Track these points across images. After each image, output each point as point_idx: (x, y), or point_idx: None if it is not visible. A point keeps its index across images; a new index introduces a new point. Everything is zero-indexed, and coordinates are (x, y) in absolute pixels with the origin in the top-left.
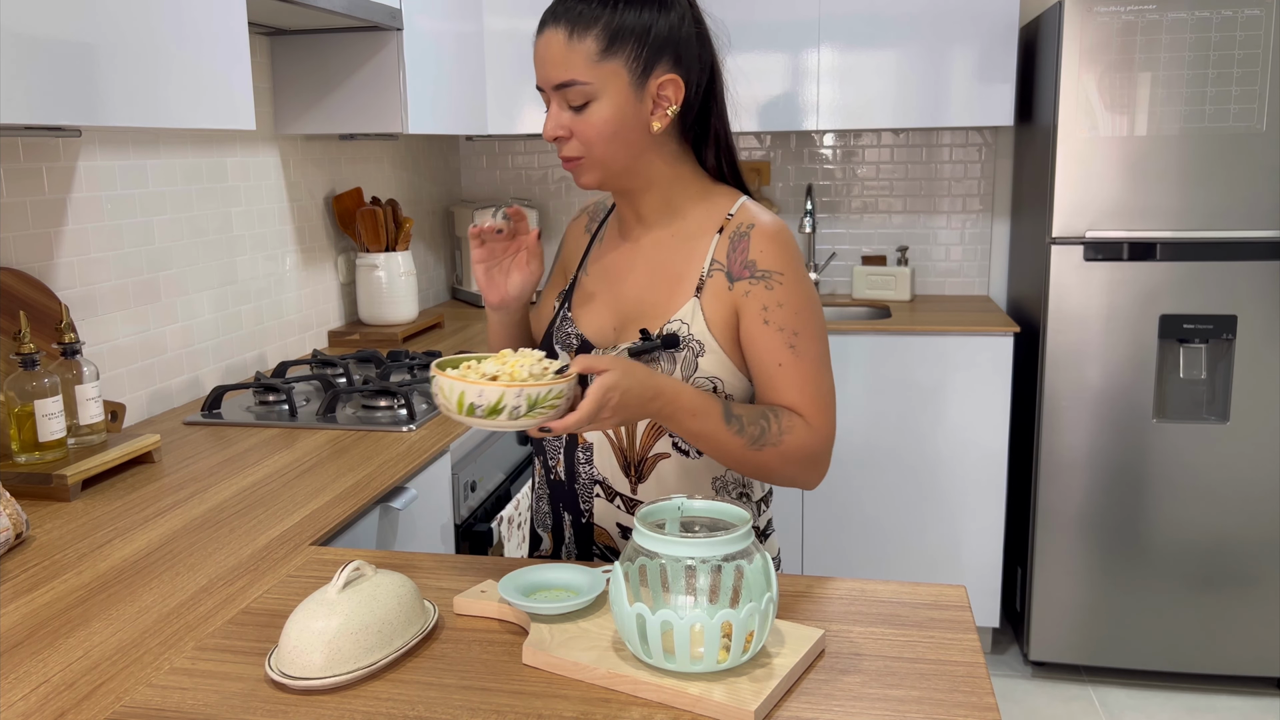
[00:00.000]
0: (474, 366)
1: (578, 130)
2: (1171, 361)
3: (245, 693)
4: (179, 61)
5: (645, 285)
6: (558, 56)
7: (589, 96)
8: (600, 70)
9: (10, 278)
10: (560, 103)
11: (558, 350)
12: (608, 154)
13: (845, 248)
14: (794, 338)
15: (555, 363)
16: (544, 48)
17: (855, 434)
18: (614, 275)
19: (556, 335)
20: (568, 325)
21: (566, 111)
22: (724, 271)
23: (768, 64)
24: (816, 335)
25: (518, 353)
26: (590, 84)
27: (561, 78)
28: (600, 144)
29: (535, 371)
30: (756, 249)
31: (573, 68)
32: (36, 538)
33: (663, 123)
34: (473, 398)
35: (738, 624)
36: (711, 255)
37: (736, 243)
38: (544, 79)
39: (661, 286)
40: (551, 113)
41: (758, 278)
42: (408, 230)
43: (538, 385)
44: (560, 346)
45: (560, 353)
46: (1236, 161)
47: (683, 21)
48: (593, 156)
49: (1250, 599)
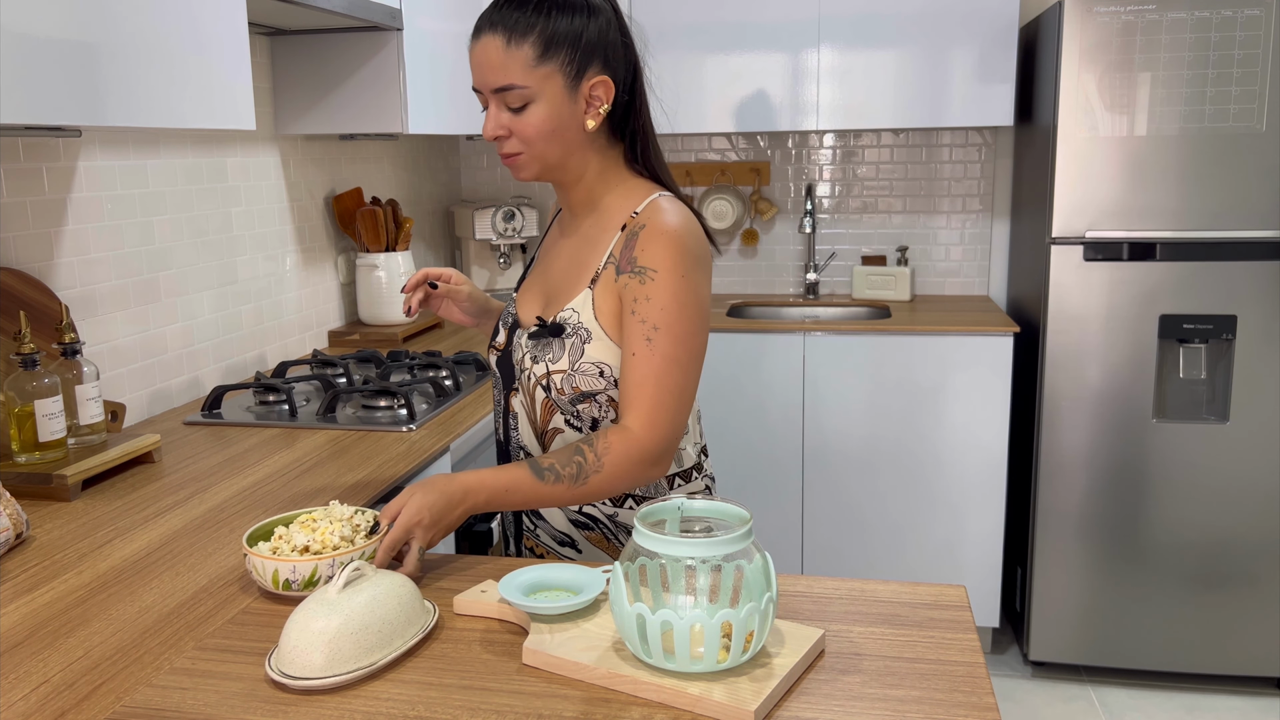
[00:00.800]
0: (284, 535)
1: (516, 129)
2: (1171, 361)
3: (245, 693)
4: (179, 61)
5: (562, 274)
6: (496, 61)
7: (527, 99)
8: (536, 74)
9: (10, 278)
10: (499, 104)
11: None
12: (545, 151)
13: (845, 248)
14: (653, 331)
15: (368, 514)
16: (481, 53)
17: (855, 434)
18: (547, 263)
19: (502, 316)
20: (510, 306)
21: (505, 112)
22: (615, 265)
23: (768, 64)
24: (679, 337)
25: (327, 510)
26: (528, 87)
27: (500, 82)
28: (539, 142)
29: (346, 534)
30: (641, 246)
31: (511, 73)
32: (37, 538)
33: (596, 120)
34: (287, 574)
35: (738, 624)
36: (610, 249)
37: (630, 239)
38: (482, 83)
39: (571, 275)
40: (491, 114)
41: (635, 273)
42: (408, 230)
43: (350, 551)
44: (501, 321)
45: (366, 511)
46: (1236, 161)
47: (609, 27)
48: (531, 153)
49: (1250, 599)
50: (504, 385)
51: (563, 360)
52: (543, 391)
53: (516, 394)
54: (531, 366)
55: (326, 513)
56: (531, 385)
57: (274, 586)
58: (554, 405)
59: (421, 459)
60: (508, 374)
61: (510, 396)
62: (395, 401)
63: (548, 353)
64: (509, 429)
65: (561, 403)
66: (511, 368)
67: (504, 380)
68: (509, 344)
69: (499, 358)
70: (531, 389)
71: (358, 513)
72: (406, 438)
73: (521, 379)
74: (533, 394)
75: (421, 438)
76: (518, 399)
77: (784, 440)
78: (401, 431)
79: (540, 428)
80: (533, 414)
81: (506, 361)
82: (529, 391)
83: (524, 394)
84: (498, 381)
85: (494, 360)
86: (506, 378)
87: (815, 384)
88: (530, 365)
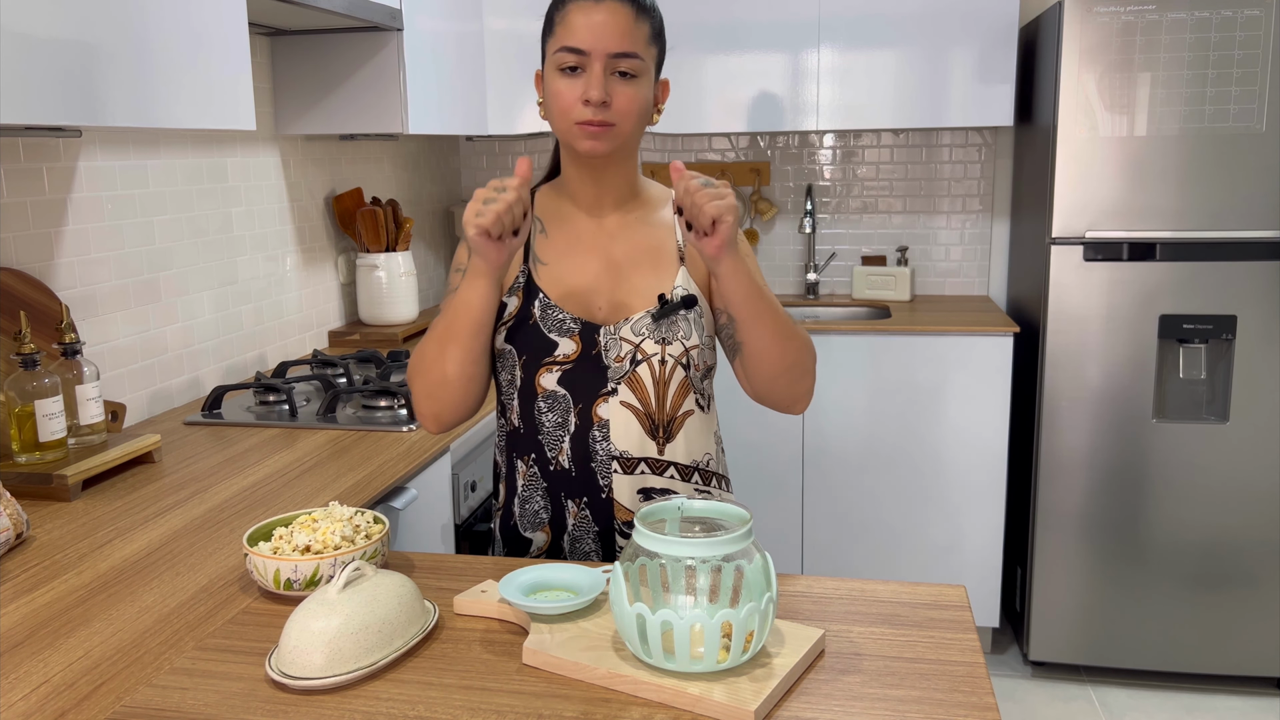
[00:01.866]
0: (285, 535)
1: (618, 101)
2: (1171, 361)
3: (245, 693)
4: (179, 61)
5: (630, 260)
6: (625, 27)
7: (638, 72)
8: (649, 53)
9: (10, 278)
10: (607, 70)
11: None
12: (632, 129)
13: (845, 248)
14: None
15: (368, 515)
16: (610, 15)
17: (855, 434)
18: (588, 256)
19: (546, 325)
20: (555, 313)
21: (610, 78)
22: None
23: (768, 64)
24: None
25: (327, 510)
26: (644, 61)
27: (626, 47)
28: (633, 117)
29: (346, 534)
30: None
31: (637, 42)
32: (37, 538)
33: (658, 118)
34: (288, 574)
35: (738, 624)
36: (681, 232)
37: None
38: (600, 44)
39: (645, 259)
40: (596, 76)
41: None
42: (408, 230)
43: (351, 551)
44: (555, 334)
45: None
46: (1236, 161)
47: None
48: (622, 127)
49: (1250, 599)
50: (586, 396)
51: (693, 335)
52: (682, 370)
53: (610, 397)
54: (662, 349)
55: (327, 513)
56: (663, 371)
57: (275, 586)
58: (690, 385)
59: (421, 459)
60: (592, 381)
61: (596, 405)
62: (395, 401)
63: (678, 330)
64: (587, 447)
65: (695, 379)
66: (600, 371)
67: (587, 389)
68: (588, 347)
69: (569, 370)
70: (663, 375)
71: (358, 513)
72: (406, 438)
73: (633, 372)
74: (664, 380)
75: (421, 438)
76: (611, 402)
77: (784, 440)
78: (401, 431)
79: (669, 414)
80: (651, 405)
81: (589, 368)
82: (657, 380)
83: (637, 387)
84: (560, 401)
85: (557, 378)
86: (591, 385)
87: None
88: (659, 349)
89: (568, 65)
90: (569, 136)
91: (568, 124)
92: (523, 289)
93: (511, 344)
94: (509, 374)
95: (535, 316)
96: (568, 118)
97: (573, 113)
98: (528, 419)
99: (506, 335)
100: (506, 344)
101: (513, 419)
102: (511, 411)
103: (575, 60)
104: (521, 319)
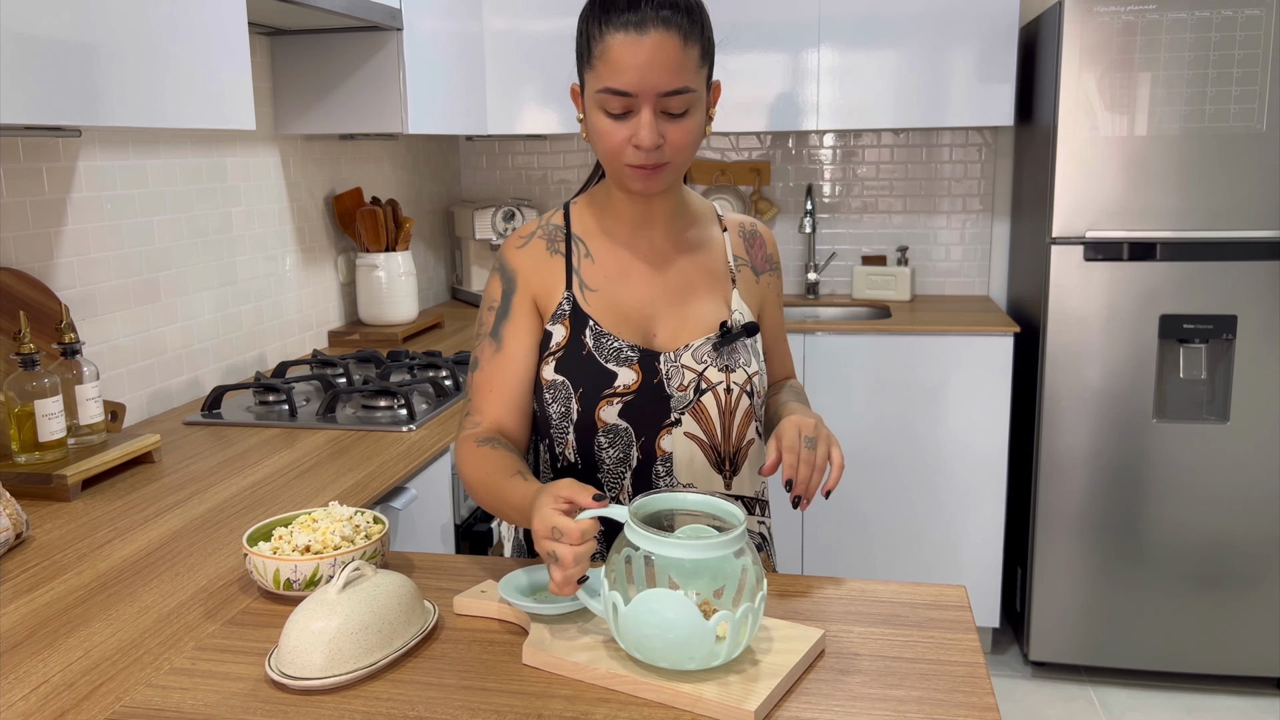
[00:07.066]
0: (285, 535)
1: (671, 138)
2: (1171, 361)
3: (245, 693)
4: (179, 61)
5: (684, 282)
6: (674, 61)
7: (690, 104)
8: (700, 77)
9: (10, 278)
10: (656, 109)
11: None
12: (686, 160)
13: (845, 248)
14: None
15: (367, 515)
16: (657, 48)
17: (855, 434)
18: (639, 280)
19: (602, 355)
20: (610, 341)
21: (659, 117)
22: (749, 266)
23: (767, 64)
24: None
25: (327, 510)
26: (696, 91)
27: (676, 84)
28: (689, 149)
29: (346, 534)
30: (767, 246)
31: (687, 75)
32: (36, 538)
33: (709, 128)
34: (288, 574)
35: (732, 623)
36: (731, 251)
37: (751, 240)
38: (648, 85)
39: (702, 283)
40: (647, 119)
41: (773, 269)
42: (408, 230)
43: (351, 551)
44: (612, 364)
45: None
46: (1236, 161)
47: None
48: (678, 163)
49: (1250, 599)
50: (648, 428)
51: (753, 362)
52: (747, 399)
53: (674, 428)
54: (726, 377)
55: (326, 513)
56: (729, 400)
57: (275, 586)
58: (754, 413)
59: (421, 459)
60: (655, 413)
61: (660, 438)
62: (395, 401)
63: (738, 358)
64: (654, 479)
65: (758, 407)
66: (663, 401)
67: (650, 421)
68: (649, 376)
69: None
70: (729, 404)
71: (358, 513)
72: (406, 438)
73: (698, 401)
74: (730, 409)
75: (421, 438)
76: (675, 434)
77: None
78: (401, 432)
79: (734, 444)
80: (717, 436)
81: (652, 398)
82: (723, 409)
83: (702, 418)
84: (622, 435)
85: (619, 411)
86: (654, 417)
87: (816, 384)
88: (724, 376)
89: (613, 111)
90: (619, 177)
91: (618, 165)
92: (568, 316)
93: (564, 375)
94: (562, 406)
95: (589, 346)
96: (618, 159)
97: (623, 155)
98: (586, 454)
99: (557, 366)
100: (558, 375)
101: (568, 454)
102: (566, 446)
103: (622, 105)
104: (572, 349)
